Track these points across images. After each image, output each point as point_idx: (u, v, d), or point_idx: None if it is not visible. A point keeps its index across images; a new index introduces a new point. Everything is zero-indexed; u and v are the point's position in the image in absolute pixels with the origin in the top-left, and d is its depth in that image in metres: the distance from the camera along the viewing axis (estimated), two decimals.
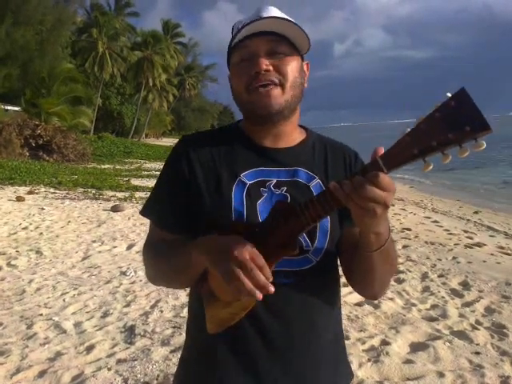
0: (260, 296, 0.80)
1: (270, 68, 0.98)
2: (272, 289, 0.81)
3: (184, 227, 1.03)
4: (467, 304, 3.99)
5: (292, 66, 1.01)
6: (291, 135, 1.09)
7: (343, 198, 0.77)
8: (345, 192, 0.76)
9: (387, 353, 3.01)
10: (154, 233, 1.11)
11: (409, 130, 0.74)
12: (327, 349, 1.06)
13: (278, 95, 0.99)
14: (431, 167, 0.73)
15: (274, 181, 1.03)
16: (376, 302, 3.94)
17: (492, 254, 5.90)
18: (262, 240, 0.87)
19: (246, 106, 1.03)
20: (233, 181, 1.02)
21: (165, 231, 1.07)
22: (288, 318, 1.00)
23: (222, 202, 0.99)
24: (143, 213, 1.12)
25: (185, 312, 3.71)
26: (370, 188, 0.73)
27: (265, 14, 0.98)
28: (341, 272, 1.10)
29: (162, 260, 1.03)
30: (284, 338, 1.00)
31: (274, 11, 1.00)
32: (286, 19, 0.97)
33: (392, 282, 4.55)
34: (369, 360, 2.94)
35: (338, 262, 1.09)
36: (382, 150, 0.76)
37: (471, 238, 6.92)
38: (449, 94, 0.71)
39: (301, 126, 1.14)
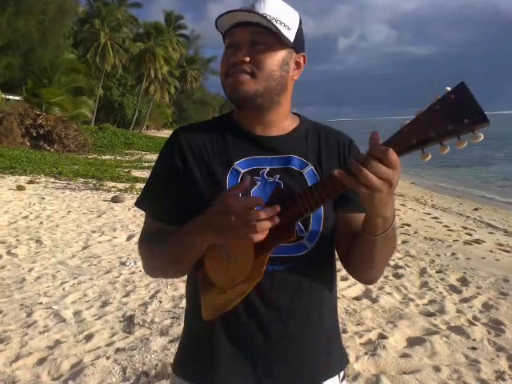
0: (257, 237, 0.83)
1: (246, 59, 0.99)
2: (265, 225, 0.84)
3: (179, 218, 1.03)
4: (465, 300, 4.01)
5: (272, 59, 1.00)
6: (282, 123, 1.09)
7: (349, 181, 0.79)
8: (351, 175, 0.78)
9: (384, 346, 3.03)
10: (149, 224, 1.11)
11: (408, 122, 0.76)
12: (322, 334, 1.07)
13: (246, 81, 1.00)
14: (429, 157, 0.76)
15: (268, 169, 1.04)
16: (374, 296, 3.96)
17: (491, 251, 5.92)
18: None
19: (225, 90, 1.05)
20: (227, 169, 1.03)
21: (160, 222, 1.07)
22: (283, 304, 1.01)
23: (216, 190, 1.00)
24: (138, 205, 1.13)
25: (184, 303, 3.73)
26: (375, 164, 0.76)
27: (257, 5, 1.00)
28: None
29: (159, 248, 1.03)
30: (279, 324, 1.01)
31: (268, 2, 1.00)
32: (265, 17, 0.97)
33: (390, 277, 4.57)
34: (366, 353, 2.96)
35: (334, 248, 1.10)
36: (378, 134, 0.78)
37: (470, 235, 6.93)
38: (448, 88, 0.73)
39: (294, 114, 1.14)
